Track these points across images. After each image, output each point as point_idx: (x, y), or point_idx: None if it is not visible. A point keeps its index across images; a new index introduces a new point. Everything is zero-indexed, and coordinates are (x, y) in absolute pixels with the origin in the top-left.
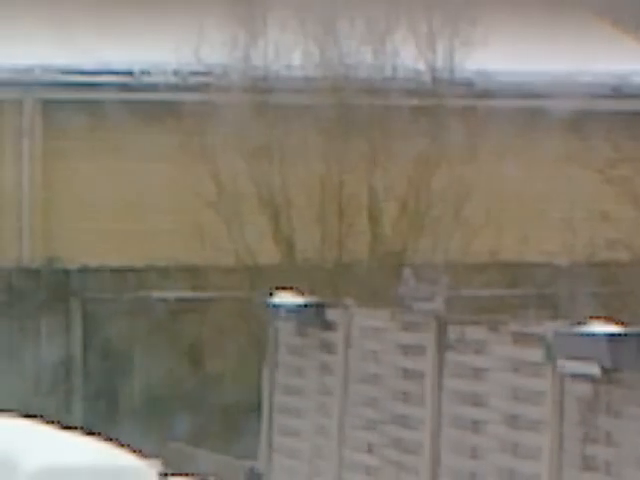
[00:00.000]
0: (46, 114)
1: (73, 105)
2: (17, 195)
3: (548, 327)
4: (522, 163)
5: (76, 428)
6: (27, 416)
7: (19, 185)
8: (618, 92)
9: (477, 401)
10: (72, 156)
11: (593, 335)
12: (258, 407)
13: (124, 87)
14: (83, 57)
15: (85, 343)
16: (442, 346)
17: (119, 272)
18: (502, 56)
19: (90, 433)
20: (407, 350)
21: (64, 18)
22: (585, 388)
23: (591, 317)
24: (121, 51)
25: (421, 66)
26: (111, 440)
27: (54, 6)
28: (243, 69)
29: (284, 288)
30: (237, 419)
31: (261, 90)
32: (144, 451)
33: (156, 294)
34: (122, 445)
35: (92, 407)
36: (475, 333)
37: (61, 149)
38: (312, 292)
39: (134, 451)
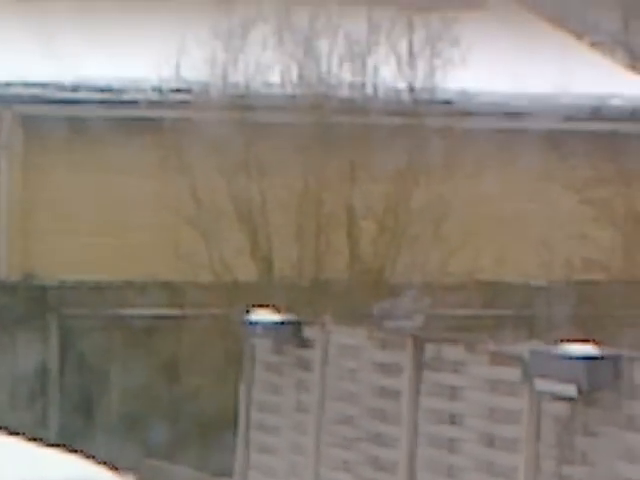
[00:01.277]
0: (26, 129)
1: (53, 120)
2: None
3: (525, 347)
4: (501, 183)
5: (52, 443)
6: (2, 430)
7: None
8: (597, 114)
9: (453, 420)
10: (51, 171)
11: (570, 356)
12: (234, 424)
13: (104, 103)
14: (63, 73)
15: (62, 359)
16: (419, 365)
17: (97, 288)
18: (482, 76)
19: (66, 448)
20: (384, 368)
21: (45, 33)
22: (561, 408)
23: (568, 338)
24: (101, 67)
25: (401, 85)
26: (87, 455)
27: (35, 21)
28: (223, 86)
29: (261, 305)
30: (213, 435)
31: (241, 107)
32: (120, 467)
33: (133, 310)
34: (98, 460)
35: (68, 422)
36: (452, 352)
37: (40, 164)
38: (289, 309)
39: (110, 467)
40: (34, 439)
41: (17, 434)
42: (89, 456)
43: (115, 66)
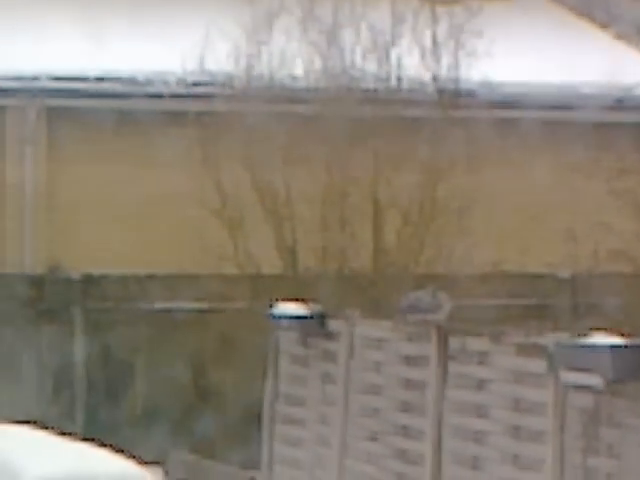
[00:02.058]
0: (50, 121)
1: (77, 113)
2: (20, 202)
3: (550, 338)
4: (525, 174)
5: (79, 436)
6: (30, 424)
7: (22, 192)
8: (622, 104)
9: (479, 412)
10: (76, 163)
11: (595, 347)
12: (260, 416)
13: (129, 95)
14: (88, 65)
15: (87, 352)
16: (444, 357)
17: (122, 281)
18: (506, 67)
19: (93, 441)
20: (409, 360)
21: (69, 26)
22: (587, 399)
23: (593, 328)
24: (125, 59)
25: (425, 77)
26: (114, 449)
27: (58, 15)
28: (247, 78)
29: (287, 298)
30: (239, 429)
31: (265, 99)
32: (146, 460)
33: (159, 303)
34: (124, 454)
35: (94, 416)
36: (477, 344)
37: (65, 156)
38: (315, 302)
39: (136, 459)
40: (60, 432)
41: (44, 427)
42: (116, 449)
43: (139, 58)
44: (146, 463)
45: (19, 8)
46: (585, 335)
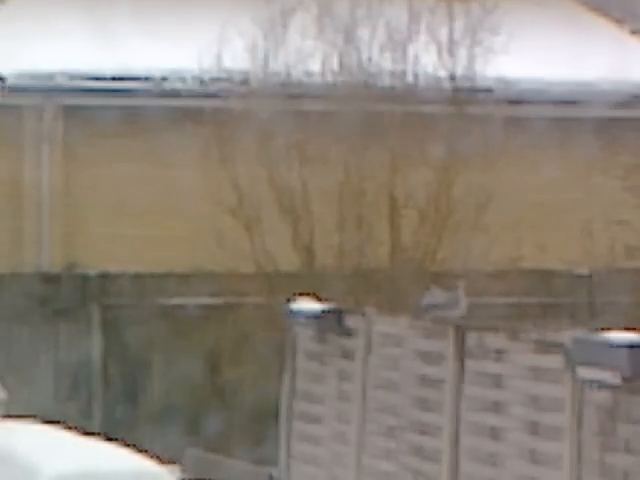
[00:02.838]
0: (67, 120)
1: (94, 111)
2: (37, 201)
3: (568, 335)
4: (542, 170)
5: (96, 434)
6: (47, 422)
7: (39, 191)
8: (637, 99)
9: (496, 408)
10: (92, 162)
11: (612, 343)
12: (277, 413)
13: (145, 93)
14: (104, 63)
15: (104, 349)
16: (462, 353)
17: (139, 278)
18: (523, 64)
19: (109, 439)
20: (426, 357)
21: (85, 24)
22: (604, 396)
23: (611, 325)
24: (142, 57)
25: (442, 73)
26: (131, 446)
27: (74, 13)
28: (264, 75)
29: (303, 295)
30: (256, 425)
31: (282, 97)
32: (163, 457)
33: (175, 300)
34: (141, 451)
35: (111, 413)
36: (495, 340)
37: (81, 155)
38: (331, 299)
39: (153, 457)
40: (77, 430)
41: (60, 425)
42: (133, 446)
43: (157, 56)
44: (162, 460)
45: (35, 7)
46: (602, 332)
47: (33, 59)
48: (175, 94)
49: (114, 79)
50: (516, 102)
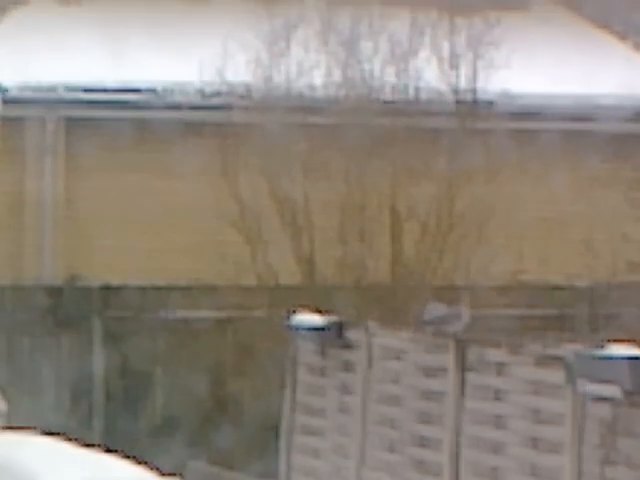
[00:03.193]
0: (69, 132)
1: (96, 123)
2: (39, 212)
3: (569, 349)
4: (544, 185)
5: (97, 446)
6: (48, 434)
7: (41, 202)
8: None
9: (497, 422)
10: (94, 174)
11: (613, 357)
12: (278, 427)
13: (147, 105)
14: (106, 75)
15: (106, 361)
16: (462, 367)
17: (141, 291)
18: (524, 78)
19: (110, 451)
20: (427, 371)
21: (88, 37)
22: (605, 410)
23: (612, 339)
24: (144, 70)
25: (444, 87)
26: (132, 458)
27: (77, 25)
28: (266, 89)
29: (305, 307)
30: (257, 438)
31: (284, 110)
32: (164, 469)
33: (177, 313)
34: (143, 463)
35: (113, 425)
36: (495, 354)
37: (84, 167)
38: (333, 312)
39: (155, 469)
40: (79, 442)
41: (62, 437)
42: (134, 458)
43: (159, 68)
44: (164, 473)
45: (37, 19)
46: (603, 346)
47: (35, 71)
48: (177, 107)
49: (116, 91)
50: (519, 116)
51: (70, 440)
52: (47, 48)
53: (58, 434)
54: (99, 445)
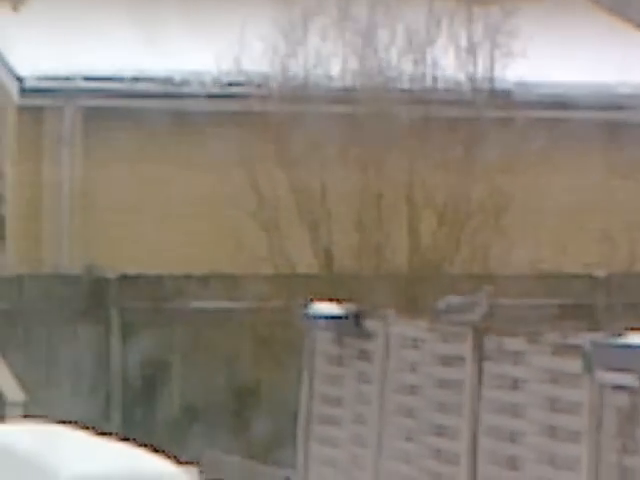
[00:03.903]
0: (86, 122)
1: (114, 113)
2: (57, 202)
3: (586, 338)
4: (561, 174)
5: (114, 436)
6: (65, 423)
7: (59, 192)
8: None
9: (515, 411)
10: (112, 164)
11: (631, 346)
12: (296, 416)
13: (165, 95)
14: (124, 65)
15: (123, 351)
16: (480, 356)
17: (158, 280)
18: (542, 67)
19: (127, 440)
20: (445, 360)
21: (105, 27)
22: (623, 399)
23: (629, 328)
24: (162, 59)
25: (461, 77)
26: (148, 447)
27: (94, 15)
28: (283, 78)
29: (322, 297)
30: (275, 428)
31: (301, 99)
32: (181, 458)
33: (195, 303)
34: (159, 452)
35: (130, 415)
36: (513, 343)
37: (101, 157)
38: (350, 302)
39: (171, 458)
40: (97, 432)
41: (80, 427)
42: (150, 448)
43: (175, 58)
44: (180, 462)
45: (54, 9)
46: (621, 335)
47: (53, 61)
48: (195, 96)
49: (134, 81)
50: (536, 105)
51: (88, 429)
52: (64, 38)
53: (76, 423)
54: (117, 434)
